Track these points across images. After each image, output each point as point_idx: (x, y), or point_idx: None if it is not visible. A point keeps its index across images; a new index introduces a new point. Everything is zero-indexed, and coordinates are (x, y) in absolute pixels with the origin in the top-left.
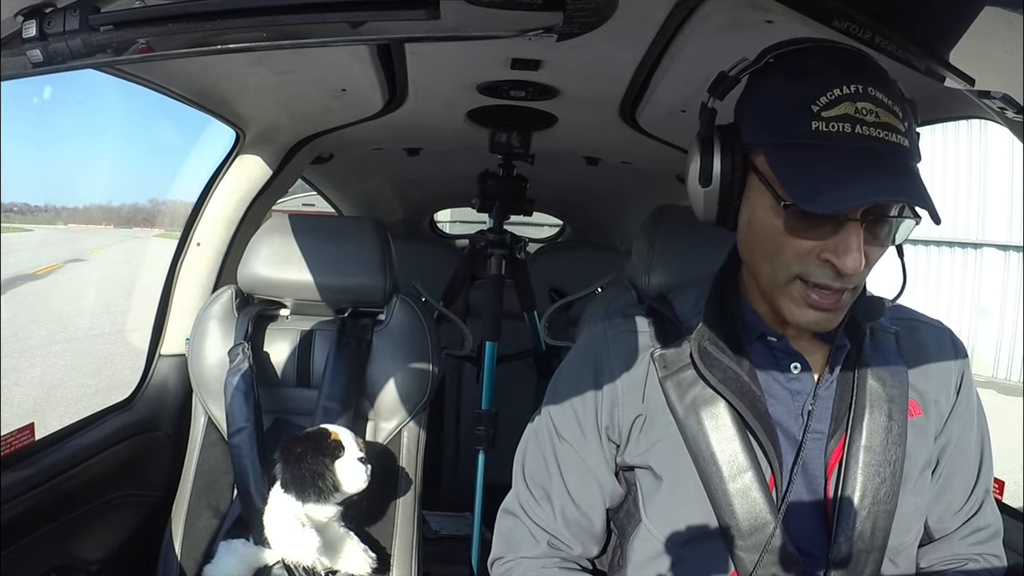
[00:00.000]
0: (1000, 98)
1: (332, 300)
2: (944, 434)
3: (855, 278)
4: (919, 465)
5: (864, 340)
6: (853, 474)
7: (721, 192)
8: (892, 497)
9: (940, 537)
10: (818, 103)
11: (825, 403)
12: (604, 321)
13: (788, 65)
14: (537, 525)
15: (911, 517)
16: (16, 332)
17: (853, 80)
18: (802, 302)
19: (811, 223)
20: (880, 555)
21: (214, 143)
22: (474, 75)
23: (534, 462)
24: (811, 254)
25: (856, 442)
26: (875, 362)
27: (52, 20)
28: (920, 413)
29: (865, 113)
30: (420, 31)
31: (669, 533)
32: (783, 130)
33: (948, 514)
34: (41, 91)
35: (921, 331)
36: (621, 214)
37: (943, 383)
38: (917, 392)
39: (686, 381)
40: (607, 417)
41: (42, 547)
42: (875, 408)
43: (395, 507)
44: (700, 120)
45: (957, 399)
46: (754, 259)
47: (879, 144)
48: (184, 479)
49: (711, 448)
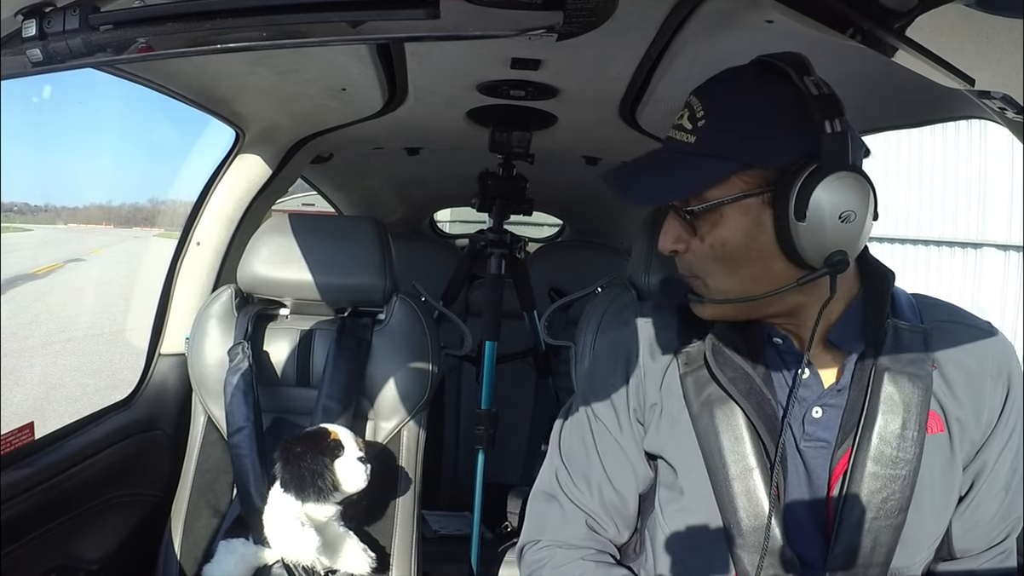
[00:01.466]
0: (1000, 98)
1: (332, 300)
2: (980, 456)
3: (684, 260)
4: (936, 487)
5: (885, 342)
6: (857, 485)
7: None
8: (899, 512)
9: (961, 558)
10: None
11: (835, 412)
12: (636, 309)
13: None
14: (576, 506)
15: (921, 541)
16: (16, 332)
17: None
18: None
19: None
20: (882, 571)
21: (214, 143)
22: (474, 75)
23: (571, 444)
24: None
25: (864, 451)
26: (894, 363)
27: (52, 19)
28: (942, 431)
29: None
30: (420, 31)
31: (677, 525)
32: None
33: (975, 537)
34: (41, 91)
35: (959, 334)
36: (621, 214)
37: (975, 399)
38: (940, 404)
39: (702, 379)
40: (634, 399)
41: (42, 547)
42: (888, 414)
43: (395, 506)
44: None
45: (1001, 416)
46: None
47: (668, 142)
48: (184, 478)
49: (720, 446)
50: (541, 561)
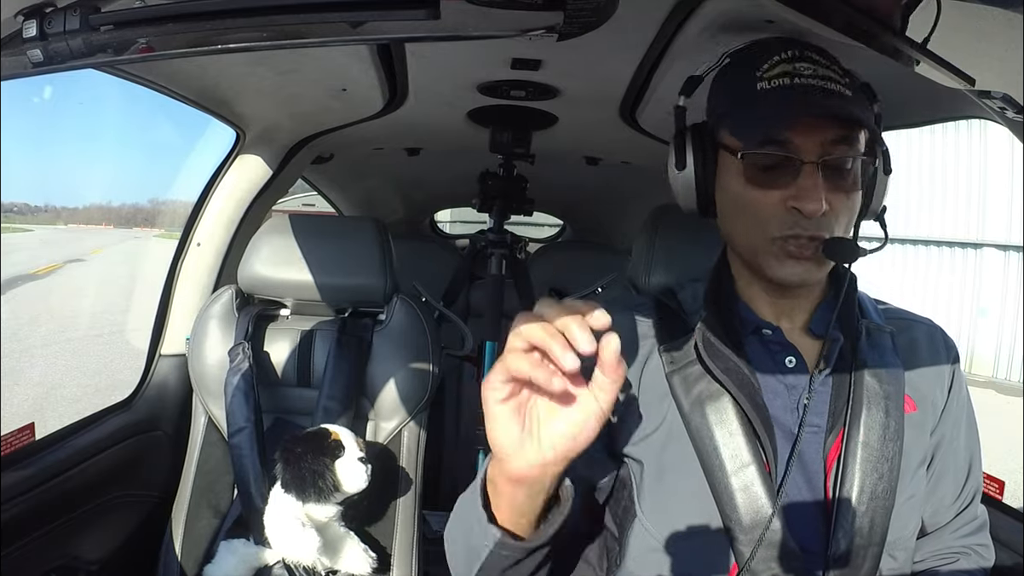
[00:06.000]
0: (1000, 98)
1: (332, 300)
2: (938, 430)
3: (823, 223)
4: (915, 461)
5: (861, 339)
6: (851, 471)
7: (696, 175)
8: (890, 493)
9: (932, 531)
10: (760, 68)
11: (822, 398)
12: (606, 308)
13: (739, 55)
14: None
15: (908, 512)
16: (16, 332)
17: (791, 48)
18: (782, 255)
19: (774, 175)
20: (878, 550)
21: (214, 143)
22: (474, 75)
23: None
24: (779, 206)
25: (854, 439)
26: (871, 360)
27: (52, 20)
28: (915, 409)
29: (802, 69)
30: (420, 31)
31: (667, 528)
32: (735, 100)
33: (941, 508)
34: (41, 91)
35: (914, 329)
36: (621, 214)
37: (937, 380)
38: (912, 389)
39: (692, 376)
40: None
41: (42, 547)
42: (872, 405)
43: (395, 507)
44: (675, 120)
45: (949, 396)
46: (734, 231)
47: (814, 90)
48: (184, 479)
49: (715, 442)
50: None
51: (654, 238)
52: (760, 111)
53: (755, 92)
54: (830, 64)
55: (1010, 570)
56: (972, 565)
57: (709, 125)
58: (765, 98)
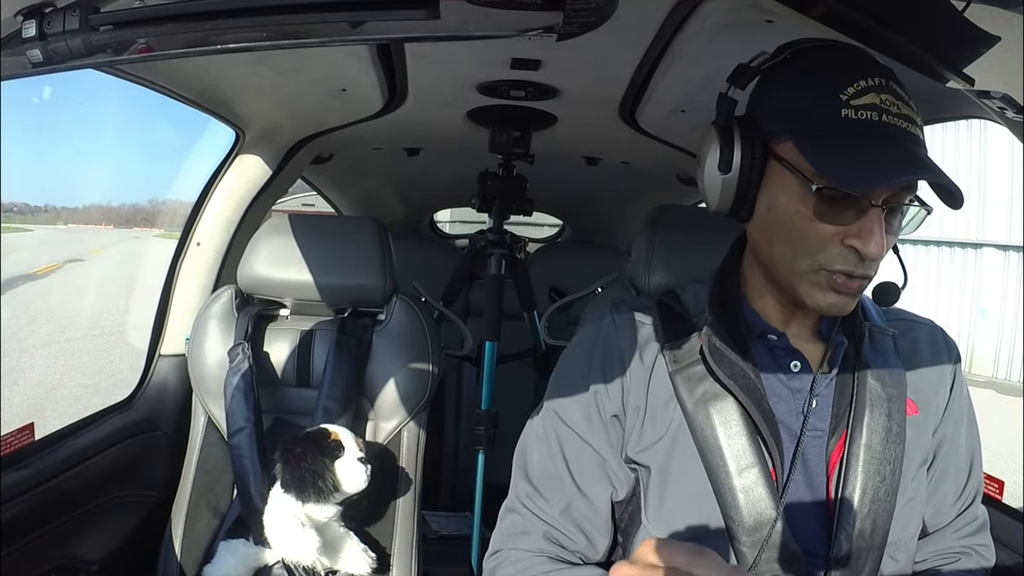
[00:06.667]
0: (1000, 98)
1: (332, 300)
2: (939, 431)
3: (874, 264)
4: (916, 462)
5: (863, 341)
6: (854, 473)
7: (740, 179)
8: (891, 496)
9: (933, 531)
10: (846, 92)
11: (825, 401)
12: (611, 311)
13: (809, 59)
14: (535, 516)
15: (909, 513)
16: (16, 332)
17: (875, 74)
18: (826, 287)
19: (837, 208)
20: (880, 552)
21: (214, 143)
22: (474, 75)
23: (537, 456)
24: (834, 239)
25: (857, 441)
26: (874, 363)
27: (52, 20)
28: (917, 412)
29: (888, 104)
30: (420, 31)
31: (669, 528)
32: (813, 118)
33: (942, 509)
34: (41, 91)
35: (915, 331)
36: (621, 214)
37: (938, 381)
38: (914, 391)
39: (695, 376)
40: (615, 404)
41: (42, 547)
42: (875, 408)
43: (395, 507)
44: (718, 110)
45: (950, 396)
46: (771, 247)
47: (901, 133)
48: (184, 479)
49: (719, 443)
50: (499, 564)
51: (654, 238)
52: (847, 149)
53: (840, 119)
54: (909, 98)
55: (1010, 570)
56: (973, 565)
57: (761, 125)
58: (852, 130)
